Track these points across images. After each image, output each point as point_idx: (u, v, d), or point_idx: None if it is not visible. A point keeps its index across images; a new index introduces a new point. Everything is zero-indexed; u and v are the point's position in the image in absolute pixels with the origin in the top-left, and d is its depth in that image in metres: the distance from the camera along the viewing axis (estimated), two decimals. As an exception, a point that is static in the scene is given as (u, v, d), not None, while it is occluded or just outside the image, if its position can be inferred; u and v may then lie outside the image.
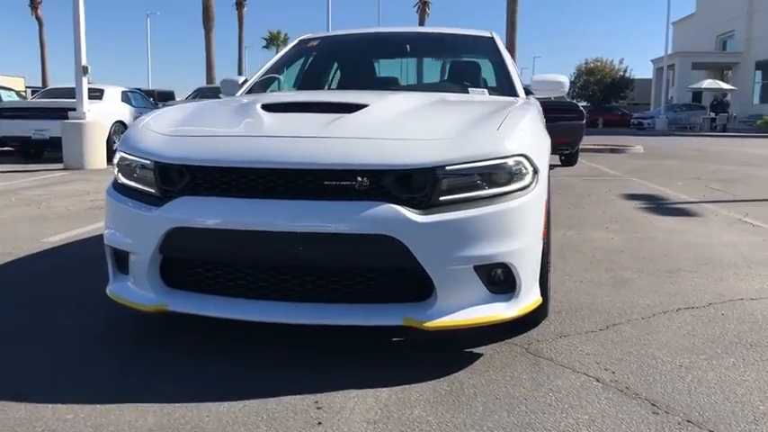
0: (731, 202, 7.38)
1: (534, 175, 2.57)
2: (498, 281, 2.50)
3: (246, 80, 4.18)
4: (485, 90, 3.74)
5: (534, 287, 2.61)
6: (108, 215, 2.81)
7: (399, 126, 2.67)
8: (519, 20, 21.30)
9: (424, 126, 2.70)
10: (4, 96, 15.83)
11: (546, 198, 2.69)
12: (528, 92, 3.83)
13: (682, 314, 3.19)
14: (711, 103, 33.73)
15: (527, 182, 2.54)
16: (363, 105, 2.79)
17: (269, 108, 2.85)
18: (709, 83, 36.40)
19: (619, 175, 10.62)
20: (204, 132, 2.75)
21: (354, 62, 4.38)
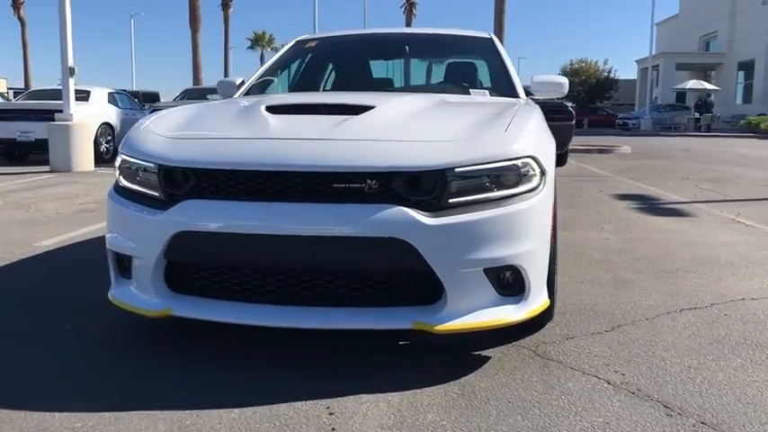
0: (722, 202, 7.43)
1: (542, 176, 2.56)
2: (507, 283, 2.49)
3: (244, 81, 4.14)
4: (485, 91, 3.73)
5: (542, 289, 2.60)
6: (110, 219, 2.76)
7: (407, 128, 2.65)
8: (507, 20, 21.34)
9: (431, 128, 2.69)
10: (-12, 98, 15.65)
11: (553, 200, 2.69)
12: (527, 93, 3.83)
13: (685, 315, 3.20)
14: (696, 103, 34.03)
15: (535, 183, 2.53)
16: (369, 107, 2.76)
17: (273, 110, 2.82)
18: (693, 83, 36.73)
19: (608, 176, 10.66)
20: (210, 135, 2.71)
21: (353, 63, 4.36)
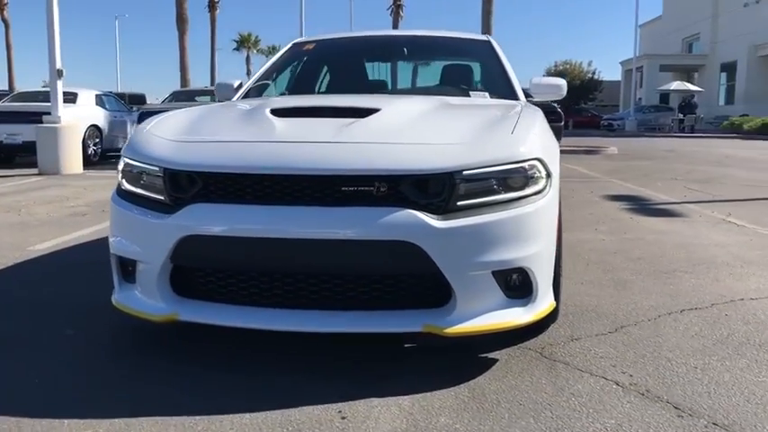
0: (712, 203, 7.50)
1: (548, 178, 2.57)
2: (515, 286, 2.49)
3: (242, 84, 4.12)
4: (485, 93, 3.74)
5: (549, 292, 2.60)
6: (113, 223, 2.73)
7: (414, 130, 2.65)
8: (494, 22, 21.39)
9: (438, 130, 2.69)
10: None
11: (558, 201, 2.69)
12: (526, 95, 3.84)
13: (686, 315, 3.22)
14: (679, 104, 34.34)
15: (541, 186, 2.53)
16: (375, 110, 2.76)
17: (278, 113, 2.81)
18: (677, 84, 37.06)
19: (598, 177, 10.73)
20: (215, 138, 2.69)
21: (351, 66, 4.35)
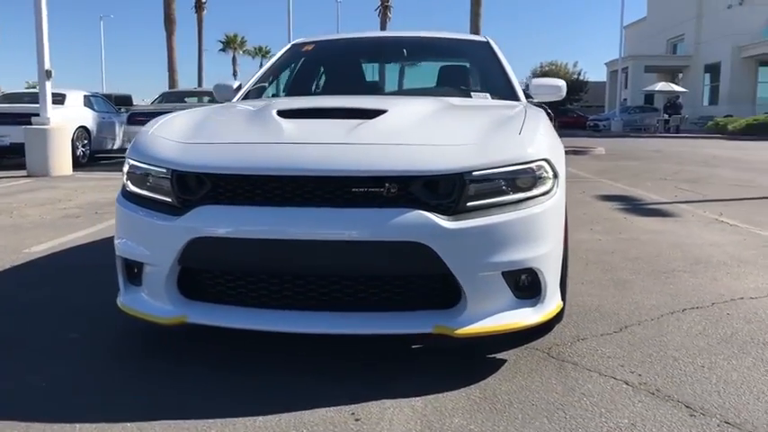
0: (703, 202, 7.56)
1: (555, 179, 2.58)
2: (524, 286, 2.50)
3: (241, 85, 4.10)
4: (486, 94, 3.74)
5: (557, 292, 2.61)
6: (119, 225, 2.71)
7: (423, 131, 2.65)
8: (482, 23, 21.48)
9: (446, 131, 2.69)
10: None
11: (564, 202, 2.71)
12: (526, 95, 3.85)
13: (689, 315, 3.24)
14: (665, 105, 34.62)
15: (549, 186, 2.54)
16: (382, 111, 2.76)
17: (284, 114, 2.80)
18: (662, 85, 37.33)
19: (587, 177, 10.78)
20: (224, 140, 2.68)
21: (350, 66, 4.33)
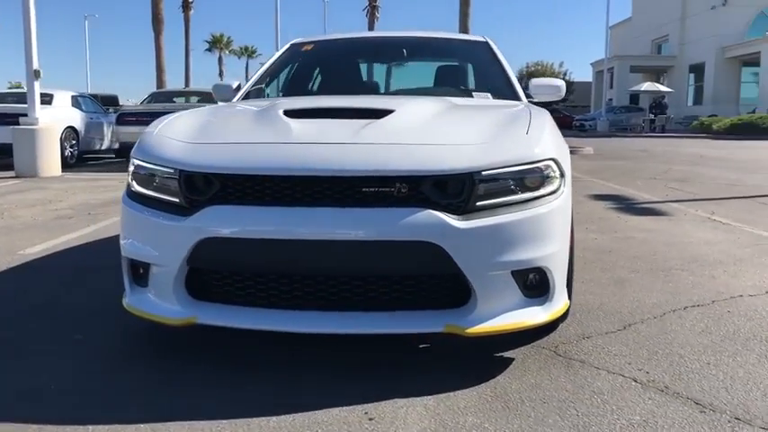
0: (693, 201, 7.63)
1: (561, 178, 2.60)
2: (532, 285, 2.51)
3: (240, 85, 4.09)
4: (487, 94, 3.76)
5: (564, 291, 2.63)
6: (125, 225, 2.70)
7: (431, 131, 2.66)
8: (471, 24, 21.51)
9: (455, 131, 2.70)
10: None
11: (570, 201, 2.72)
12: (525, 95, 3.87)
13: (690, 312, 3.27)
14: (650, 104, 34.89)
15: (556, 185, 2.56)
16: (389, 111, 2.76)
17: (291, 114, 2.79)
18: (648, 85, 37.65)
19: (578, 176, 10.81)
20: (232, 140, 2.67)
21: (351, 67, 4.34)
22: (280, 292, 2.47)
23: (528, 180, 2.48)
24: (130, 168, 2.73)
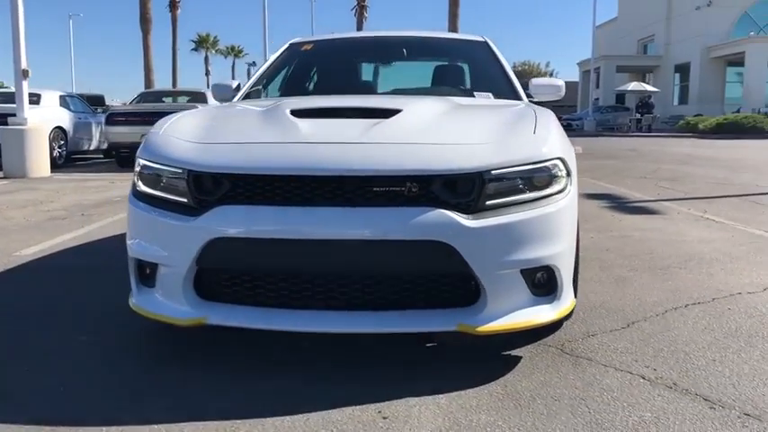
0: (685, 200, 7.69)
1: (568, 177, 2.62)
2: (540, 283, 2.53)
3: (240, 85, 4.08)
4: (489, 93, 3.77)
5: (570, 289, 2.65)
6: (132, 226, 2.68)
7: (440, 131, 2.67)
8: (460, 24, 21.59)
9: (463, 130, 2.71)
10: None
11: (576, 200, 2.74)
12: (527, 95, 3.89)
13: (692, 310, 3.30)
14: (637, 104, 35.10)
15: (563, 185, 2.58)
16: (397, 110, 2.77)
17: (299, 114, 2.79)
18: (634, 85, 37.86)
19: (569, 176, 10.87)
20: (241, 140, 2.66)
21: (352, 67, 4.34)
22: (290, 292, 2.47)
23: (536, 179, 2.50)
24: (136, 168, 2.72)
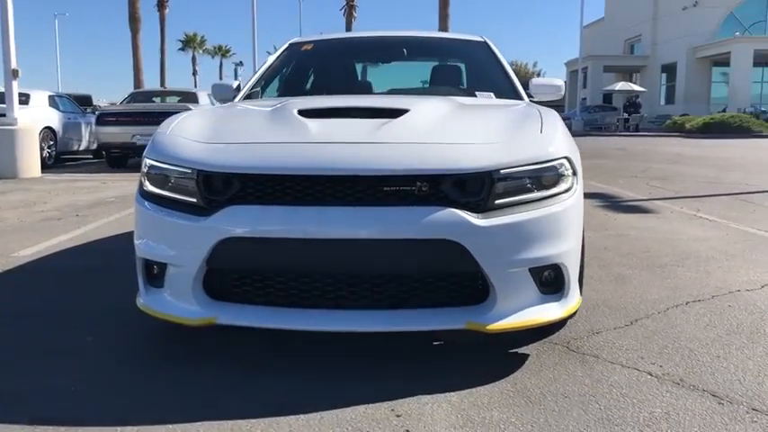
0: (677, 199, 7.76)
1: (574, 176, 2.64)
2: (548, 282, 2.55)
3: (240, 85, 4.08)
4: (491, 93, 3.79)
5: (577, 287, 2.67)
6: (140, 226, 2.68)
7: (448, 130, 2.69)
8: (450, 24, 21.65)
9: (471, 130, 2.73)
10: None
11: (582, 199, 2.77)
12: (527, 94, 3.91)
13: (693, 307, 3.34)
14: (624, 104, 35.32)
15: (570, 184, 2.60)
16: (404, 110, 2.78)
17: (306, 114, 2.80)
18: (622, 85, 38.10)
19: (560, 175, 10.92)
20: (250, 140, 2.67)
21: (352, 66, 4.36)
22: (300, 291, 2.48)
23: (544, 178, 2.52)
24: (143, 168, 2.72)
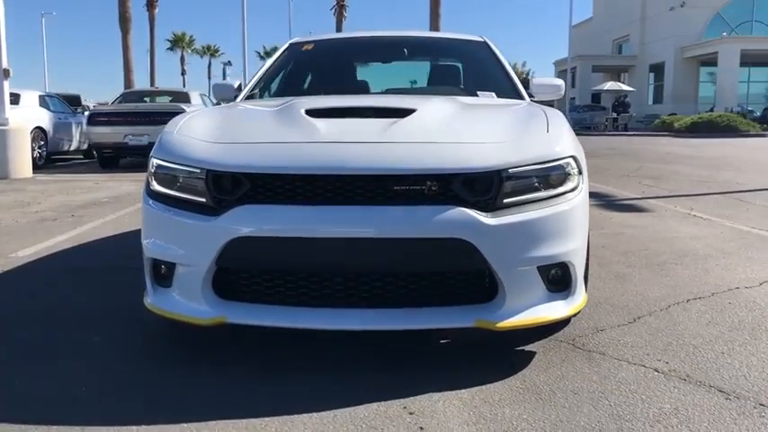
0: (671, 198, 7.81)
1: (580, 175, 2.67)
2: (555, 280, 2.57)
3: (241, 85, 4.08)
4: (492, 93, 3.81)
5: (582, 285, 2.70)
6: (148, 225, 2.68)
7: (457, 130, 2.71)
8: (442, 23, 21.70)
9: (479, 129, 2.75)
10: None
11: (588, 198, 2.79)
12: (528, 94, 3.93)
13: (694, 304, 3.38)
14: (613, 104, 35.49)
15: (576, 183, 2.62)
16: (411, 110, 2.80)
17: (314, 113, 2.81)
18: (611, 85, 38.32)
19: (553, 174, 10.97)
20: (259, 139, 2.67)
21: (353, 66, 4.37)
22: (310, 290, 2.49)
23: (551, 177, 2.54)
24: (151, 168, 2.72)
